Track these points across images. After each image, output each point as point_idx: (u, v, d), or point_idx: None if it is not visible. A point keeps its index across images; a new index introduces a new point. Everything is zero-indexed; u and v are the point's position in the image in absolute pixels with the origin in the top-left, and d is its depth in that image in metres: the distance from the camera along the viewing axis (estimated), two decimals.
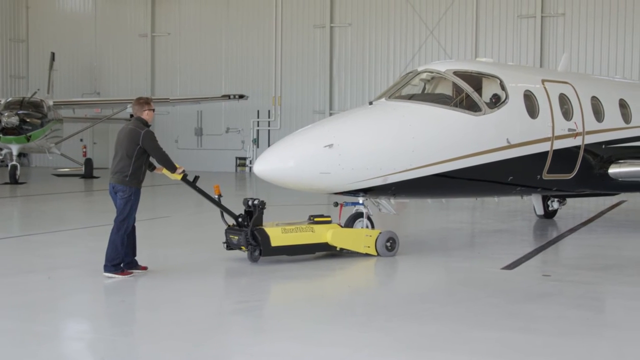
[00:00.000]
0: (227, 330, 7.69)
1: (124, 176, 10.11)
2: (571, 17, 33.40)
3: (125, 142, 10.15)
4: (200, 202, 11.13)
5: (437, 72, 13.28)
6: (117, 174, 10.15)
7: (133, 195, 10.22)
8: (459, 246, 13.92)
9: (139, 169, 10.19)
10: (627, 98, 16.04)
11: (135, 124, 10.32)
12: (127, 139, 10.16)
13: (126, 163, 10.10)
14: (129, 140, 10.13)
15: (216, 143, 40.70)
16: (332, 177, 11.19)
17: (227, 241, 11.51)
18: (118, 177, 10.14)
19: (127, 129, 10.27)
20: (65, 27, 44.09)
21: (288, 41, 39.06)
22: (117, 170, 10.17)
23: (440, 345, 7.03)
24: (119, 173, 10.13)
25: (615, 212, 19.78)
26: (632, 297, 9.32)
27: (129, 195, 10.19)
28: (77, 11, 44.46)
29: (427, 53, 35.40)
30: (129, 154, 10.10)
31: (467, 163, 12.40)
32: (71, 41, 43.68)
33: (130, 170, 10.09)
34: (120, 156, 10.19)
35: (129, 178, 10.12)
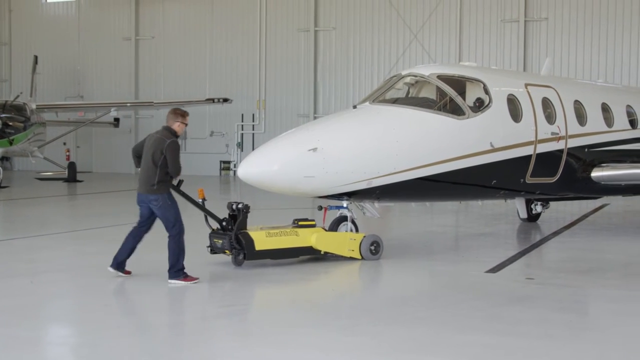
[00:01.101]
0: (211, 334, 7.67)
1: (151, 186, 10.09)
2: (554, 22, 33.58)
3: (151, 151, 10.12)
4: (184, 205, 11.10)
5: (420, 76, 13.32)
6: (144, 185, 10.15)
7: (168, 199, 10.17)
8: (443, 250, 13.95)
9: (166, 175, 10.15)
10: (609, 102, 16.13)
11: (163, 133, 10.32)
12: (153, 148, 10.14)
13: (152, 172, 10.08)
14: (155, 148, 10.12)
15: (200, 147, 40.60)
16: (316, 180, 11.19)
17: (211, 245, 11.50)
18: (146, 188, 10.13)
19: (154, 137, 10.27)
20: (49, 30, 43.89)
21: (272, 45, 39.06)
22: (144, 181, 10.15)
23: (425, 349, 7.05)
24: (146, 184, 10.12)
25: (597, 216, 19.88)
26: (614, 300, 9.37)
27: (164, 202, 10.14)
28: (61, 14, 44.27)
29: (411, 57, 35.48)
30: (155, 162, 10.08)
31: (451, 167, 12.44)
32: (54, 44, 43.49)
33: (157, 178, 10.07)
34: (147, 165, 10.16)
35: (157, 186, 10.09)
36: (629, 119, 16.40)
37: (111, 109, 34.72)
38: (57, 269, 11.34)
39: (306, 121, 33.83)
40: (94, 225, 16.58)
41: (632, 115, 16.56)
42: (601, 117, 15.71)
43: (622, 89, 20.37)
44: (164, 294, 9.53)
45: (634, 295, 9.74)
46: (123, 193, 28.06)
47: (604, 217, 19.60)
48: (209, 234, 11.53)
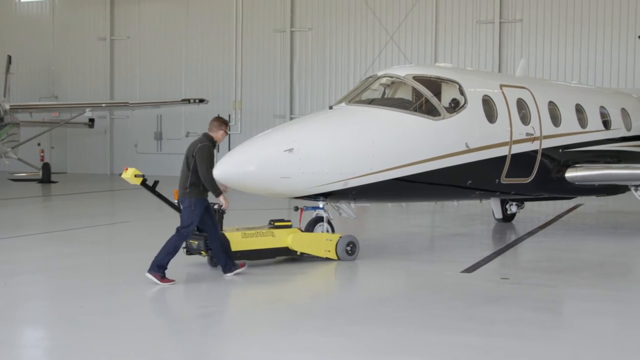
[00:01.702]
0: (187, 336, 7.65)
1: (184, 189, 10.32)
2: (529, 23, 33.80)
3: (186, 154, 10.44)
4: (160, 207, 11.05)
5: (396, 77, 13.36)
6: (180, 189, 10.41)
7: (194, 205, 10.27)
8: (419, 250, 14.00)
9: (198, 179, 10.28)
10: (583, 103, 16.26)
11: (201, 139, 10.57)
12: (187, 152, 10.43)
13: (185, 175, 10.34)
14: (189, 152, 10.41)
15: (176, 147, 40.34)
16: (293, 181, 11.19)
17: (187, 246, 11.44)
18: (181, 191, 10.39)
19: (193, 141, 10.57)
20: (23, 29, 43.49)
21: (248, 45, 38.99)
22: (180, 185, 10.41)
23: (401, 349, 7.07)
24: (180, 187, 10.39)
25: (572, 216, 20.05)
26: (588, 300, 9.45)
27: (189, 205, 10.28)
28: (35, 14, 43.90)
29: (387, 58, 35.57)
30: (188, 166, 10.36)
31: (427, 167, 12.49)
32: (28, 44, 43.10)
33: (189, 181, 10.28)
34: (182, 168, 10.47)
35: (189, 189, 10.28)
36: (602, 120, 16.55)
37: (86, 110, 34.44)
38: (33, 270, 11.26)
39: (282, 122, 33.83)
40: (70, 227, 16.47)
41: (606, 116, 16.71)
42: (575, 118, 15.84)
43: (596, 90, 20.54)
44: (141, 295, 9.48)
45: (607, 294, 9.83)
46: (98, 194, 27.92)
47: (578, 217, 19.77)
48: None
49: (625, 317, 8.57)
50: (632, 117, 17.50)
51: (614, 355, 6.98)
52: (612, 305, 9.18)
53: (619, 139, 17.00)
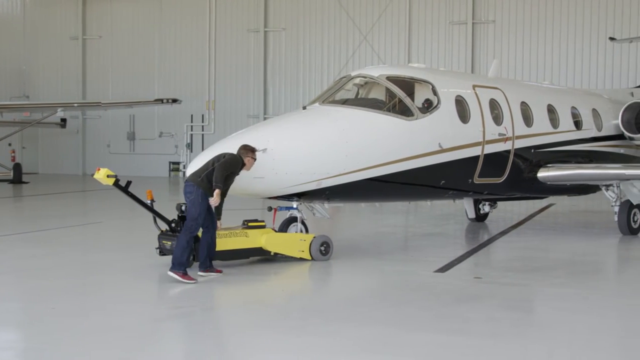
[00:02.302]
0: (160, 336, 7.61)
1: (197, 176, 10.52)
2: (501, 24, 34.04)
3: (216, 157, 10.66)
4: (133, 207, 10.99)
5: (370, 77, 13.39)
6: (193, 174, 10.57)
7: (200, 197, 10.40)
8: (392, 250, 14.03)
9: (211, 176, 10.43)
10: (554, 103, 16.39)
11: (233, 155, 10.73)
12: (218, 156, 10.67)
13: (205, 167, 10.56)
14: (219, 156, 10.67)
15: (149, 148, 40.26)
16: (266, 181, 11.18)
17: (160, 247, 11.39)
18: (193, 177, 10.56)
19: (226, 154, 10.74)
20: None
21: (222, 45, 38.90)
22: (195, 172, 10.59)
23: (375, 349, 7.08)
24: (195, 174, 10.56)
25: (544, 215, 20.20)
26: (560, 299, 9.53)
27: (196, 197, 10.42)
28: (5, 13, 43.50)
29: (361, 58, 35.64)
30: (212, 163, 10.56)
31: (400, 167, 12.52)
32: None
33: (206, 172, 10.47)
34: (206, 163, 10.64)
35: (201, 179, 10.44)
36: (573, 120, 16.69)
37: (58, 110, 34.15)
38: (4, 272, 11.15)
39: (256, 122, 33.78)
40: (42, 227, 16.32)
41: (577, 117, 16.85)
42: (547, 118, 15.95)
43: (567, 90, 20.72)
44: (113, 296, 9.43)
45: (578, 293, 9.91)
46: (70, 195, 27.71)
47: (550, 217, 19.92)
48: (158, 236, 11.42)
49: (596, 315, 8.65)
50: (603, 117, 17.68)
51: (586, 353, 7.04)
52: (583, 304, 9.26)
53: (590, 139, 17.16)
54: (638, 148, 18.43)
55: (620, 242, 15.06)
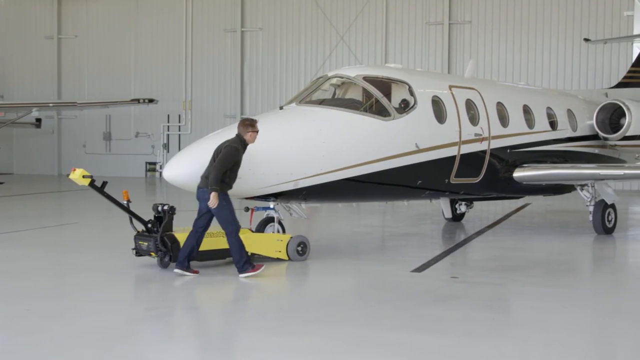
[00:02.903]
0: (136, 337, 7.57)
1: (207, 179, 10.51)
2: (477, 25, 34.21)
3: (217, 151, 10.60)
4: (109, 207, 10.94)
5: (347, 78, 13.40)
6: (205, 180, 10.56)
7: (222, 200, 10.46)
8: (369, 250, 14.05)
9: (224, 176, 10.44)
10: (530, 104, 16.49)
11: (233, 139, 10.68)
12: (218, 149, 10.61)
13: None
14: (219, 148, 10.59)
15: (125, 148, 40.07)
16: (243, 181, 11.15)
17: (136, 247, 11.35)
18: (207, 182, 10.51)
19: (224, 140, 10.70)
20: None
21: (199, 45, 38.79)
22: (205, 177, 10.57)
23: (352, 349, 7.09)
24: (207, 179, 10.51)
25: (520, 215, 20.32)
26: (535, 298, 9.58)
27: (224, 201, 10.49)
28: None
29: (338, 58, 35.68)
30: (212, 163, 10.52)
31: (377, 167, 12.55)
32: None
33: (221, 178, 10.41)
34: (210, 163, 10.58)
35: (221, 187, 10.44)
36: (549, 121, 16.80)
37: (32, 109, 33.90)
38: None
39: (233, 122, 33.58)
40: (17, 228, 16.18)
41: (552, 117, 16.97)
42: (523, 118, 16.05)
43: (543, 91, 20.86)
44: (88, 297, 9.36)
45: (553, 292, 9.98)
46: (46, 195, 27.51)
47: (526, 217, 20.04)
48: (134, 236, 11.38)
49: (571, 314, 8.71)
50: (578, 117, 17.81)
51: (561, 352, 7.09)
52: (558, 303, 9.32)
53: (565, 139, 17.28)
54: (612, 148, 18.59)
55: (594, 241, 15.18)
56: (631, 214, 20.99)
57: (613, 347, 7.42)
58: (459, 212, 18.08)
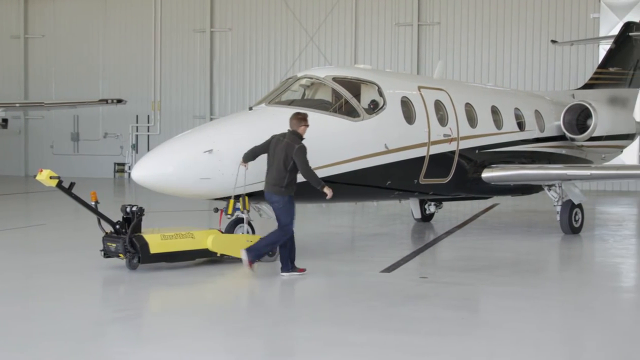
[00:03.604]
0: (104, 340, 7.52)
1: (280, 187, 10.73)
2: (446, 26, 34.39)
3: (282, 155, 10.70)
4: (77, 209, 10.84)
5: (316, 78, 13.41)
6: (272, 186, 10.79)
7: (289, 202, 10.80)
8: (339, 250, 14.07)
9: (294, 180, 10.82)
10: (498, 105, 16.61)
11: (292, 138, 10.82)
12: (283, 152, 10.69)
13: (282, 175, 10.71)
14: (286, 154, 10.67)
15: (93, 148, 39.75)
16: (213, 182, 11.12)
17: (104, 249, 11.26)
18: (274, 188, 10.78)
19: (284, 142, 10.78)
20: None
21: (167, 45, 38.59)
22: (273, 182, 10.79)
23: (322, 349, 7.09)
24: (274, 185, 10.75)
25: (488, 215, 20.46)
26: (503, 297, 9.66)
27: (284, 204, 10.78)
28: None
29: (308, 59, 35.68)
30: (285, 166, 10.69)
31: (347, 168, 12.58)
32: None
33: (286, 181, 10.71)
34: (278, 168, 10.72)
35: (285, 189, 10.75)
36: (517, 122, 16.94)
37: None
38: None
39: (202, 123, 33.53)
40: None
41: (520, 118, 17.11)
42: (491, 119, 16.16)
43: (511, 92, 21.00)
44: (56, 299, 9.28)
45: (521, 292, 10.06)
46: (12, 196, 27.20)
47: (494, 217, 20.18)
48: (102, 238, 11.29)
49: (539, 313, 8.79)
50: (545, 118, 17.97)
51: (529, 351, 7.15)
52: (526, 302, 9.39)
53: (533, 140, 17.44)
54: (579, 149, 18.78)
55: (562, 241, 15.32)
56: (598, 214, 21.22)
57: (581, 345, 7.50)
58: (428, 212, 18.16)
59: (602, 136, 18.62)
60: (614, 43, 21.86)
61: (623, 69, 21.56)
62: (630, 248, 14.70)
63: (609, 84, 21.29)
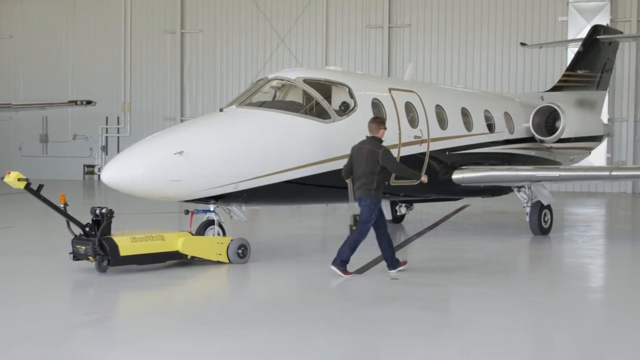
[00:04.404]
0: (74, 343, 7.45)
1: (369, 190, 11.07)
2: (417, 28, 34.58)
3: (367, 161, 11.12)
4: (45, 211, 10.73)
5: (287, 80, 13.40)
6: (363, 190, 11.14)
7: (375, 204, 11.12)
8: (310, 252, 14.07)
9: (382, 182, 11.31)
10: (468, 107, 16.71)
11: (373, 144, 11.23)
12: (368, 159, 11.11)
13: (370, 179, 11.06)
14: (372, 159, 11.08)
15: (63, 150, 39.44)
16: (183, 184, 11.07)
17: (73, 251, 11.16)
18: (365, 192, 11.12)
19: (366, 149, 11.21)
20: None
21: (138, 46, 38.40)
22: (363, 187, 11.14)
23: (293, 351, 7.09)
24: (365, 189, 11.10)
25: (459, 216, 20.57)
26: (474, 298, 9.71)
27: (370, 204, 11.09)
28: None
29: (279, 60, 35.71)
30: (372, 171, 11.05)
31: (318, 170, 12.58)
32: None
33: (376, 183, 11.06)
34: (363, 173, 11.12)
35: (374, 191, 11.07)
36: (487, 124, 17.05)
37: None
38: None
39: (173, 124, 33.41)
40: None
41: (490, 120, 17.22)
42: (461, 121, 16.25)
43: (481, 94, 21.16)
44: (25, 302, 9.18)
45: (492, 292, 10.12)
46: None
47: (465, 218, 20.29)
48: (72, 240, 11.19)
49: (509, 314, 8.85)
50: (515, 120, 18.10)
51: (500, 351, 7.18)
52: (496, 303, 9.45)
53: (503, 142, 17.57)
54: (548, 150, 18.94)
55: (531, 242, 15.44)
56: (566, 215, 21.42)
57: (550, 346, 7.55)
58: (399, 213, 18.22)
59: (571, 138, 18.80)
60: (581, 46, 22.08)
61: (591, 71, 21.79)
62: (598, 249, 14.86)
63: (577, 86, 21.51)
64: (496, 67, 33.73)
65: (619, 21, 31.98)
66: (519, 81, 33.37)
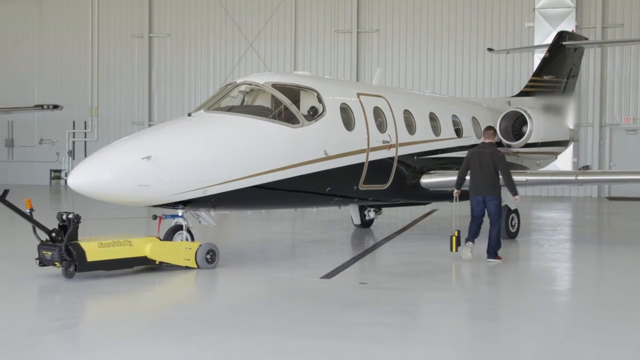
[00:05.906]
0: (40, 350, 7.37)
1: (495, 189, 13.20)
2: (385, 34, 34.71)
3: (490, 162, 13.12)
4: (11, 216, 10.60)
5: (255, 85, 13.39)
6: (487, 189, 13.18)
7: (499, 199, 13.32)
8: (279, 257, 14.06)
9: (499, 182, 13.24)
10: (436, 111, 16.81)
11: (492, 149, 13.33)
12: (490, 161, 13.12)
13: (495, 180, 13.17)
14: (493, 162, 13.12)
15: (29, 155, 39.03)
16: (151, 189, 11.00)
17: (40, 257, 11.05)
18: (490, 191, 13.19)
19: (487, 152, 13.23)
20: None
21: (105, 50, 38.14)
22: (487, 186, 13.17)
23: (261, 356, 7.07)
24: (490, 188, 13.18)
25: (427, 221, 20.66)
26: (442, 302, 9.76)
27: (498, 201, 13.26)
28: None
29: (247, 65, 35.64)
30: (496, 171, 13.15)
31: (286, 174, 12.57)
32: None
33: (499, 184, 13.19)
34: (487, 174, 13.13)
35: (499, 190, 13.28)
36: (454, 128, 17.16)
37: None
38: None
39: (141, 129, 33.24)
40: None
41: (458, 125, 17.33)
42: (429, 126, 16.34)
43: (448, 99, 21.28)
44: None
45: (460, 296, 10.20)
46: None
47: (433, 222, 20.39)
48: (38, 246, 11.08)
49: (477, 318, 8.91)
50: (482, 125, 18.20)
51: (467, 355, 7.23)
52: (464, 306, 9.51)
53: (470, 147, 17.58)
54: (515, 155, 19.09)
55: None
56: (533, 219, 21.60)
57: (518, 349, 7.61)
58: (367, 218, 18.27)
59: (538, 143, 18.98)
60: (548, 52, 22.32)
61: (557, 77, 22.02)
62: (565, 252, 15.01)
63: (544, 91, 21.72)
64: (464, 72, 33.96)
65: (584, 27, 32.37)
66: (486, 86, 33.63)
